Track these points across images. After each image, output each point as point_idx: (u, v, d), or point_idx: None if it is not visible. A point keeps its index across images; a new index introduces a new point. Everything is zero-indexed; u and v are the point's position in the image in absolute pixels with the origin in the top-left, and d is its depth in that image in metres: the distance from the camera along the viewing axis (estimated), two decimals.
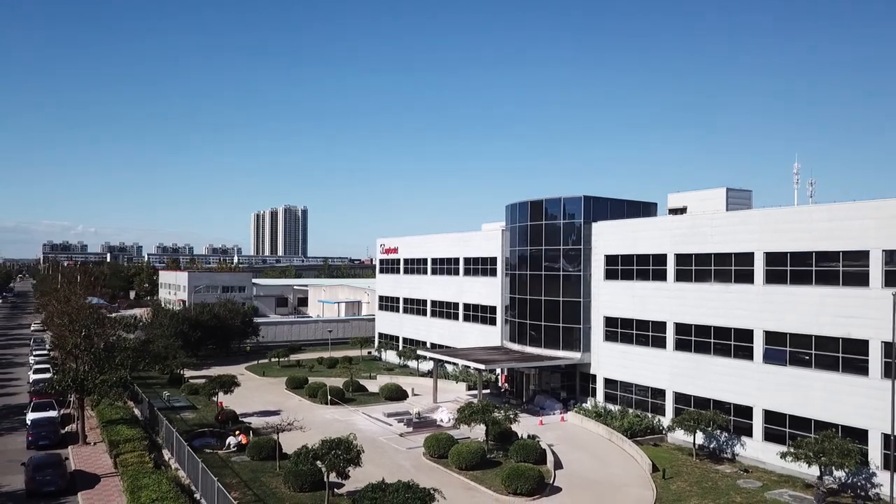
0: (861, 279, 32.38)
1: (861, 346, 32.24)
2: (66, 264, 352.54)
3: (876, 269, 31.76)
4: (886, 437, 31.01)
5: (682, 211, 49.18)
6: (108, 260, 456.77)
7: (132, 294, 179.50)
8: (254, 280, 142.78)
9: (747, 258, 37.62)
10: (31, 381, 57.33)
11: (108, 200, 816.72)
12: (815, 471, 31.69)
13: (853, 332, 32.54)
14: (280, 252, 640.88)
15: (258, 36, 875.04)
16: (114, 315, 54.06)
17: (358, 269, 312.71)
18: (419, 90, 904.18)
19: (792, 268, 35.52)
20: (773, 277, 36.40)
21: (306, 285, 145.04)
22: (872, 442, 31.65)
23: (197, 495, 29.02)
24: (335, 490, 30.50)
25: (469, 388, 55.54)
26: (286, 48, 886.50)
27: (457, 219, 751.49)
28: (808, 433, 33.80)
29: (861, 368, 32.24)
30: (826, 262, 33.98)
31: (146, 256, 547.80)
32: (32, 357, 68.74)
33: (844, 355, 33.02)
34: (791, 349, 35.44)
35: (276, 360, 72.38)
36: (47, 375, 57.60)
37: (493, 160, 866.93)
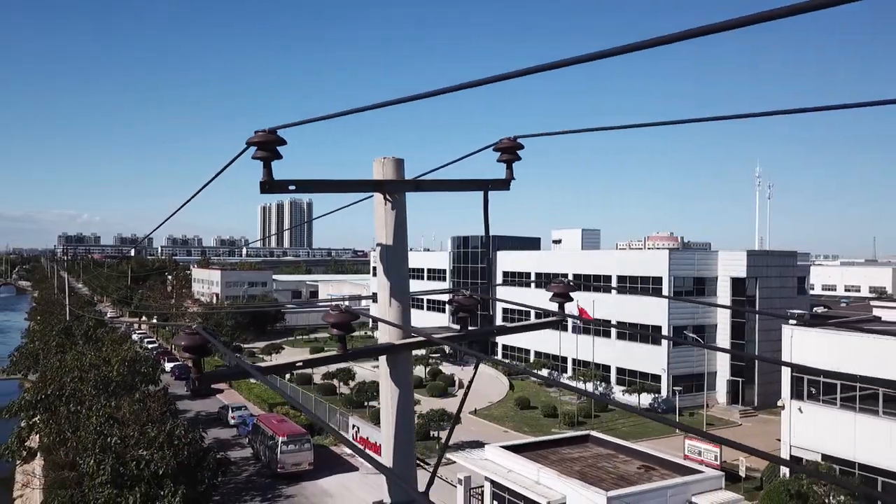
0: (609, 290, 63.72)
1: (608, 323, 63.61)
2: (94, 257, 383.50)
3: (614, 284, 63.13)
4: (619, 369, 62.52)
5: (559, 242, 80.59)
6: (133, 254, 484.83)
7: (168, 287, 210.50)
8: (273, 276, 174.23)
9: (566, 276, 68.84)
10: (148, 348, 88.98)
11: (113, 189, 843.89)
12: (586, 388, 63.15)
13: (612, 316, 63.91)
14: (286, 244, 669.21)
15: (266, 25, 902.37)
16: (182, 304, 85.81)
17: (360, 262, 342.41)
18: (425, 84, 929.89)
19: (584, 283, 66.77)
20: (576, 287, 67.55)
21: (316, 281, 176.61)
22: (613, 372, 63.01)
23: None
24: (342, 393, 61.98)
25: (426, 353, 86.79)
26: (294, 41, 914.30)
27: (456, 213, 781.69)
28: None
29: (608, 334, 63.56)
30: (598, 280, 65.29)
31: (159, 248, 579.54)
32: (136, 335, 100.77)
33: (604, 328, 64.33)
34: (583, 326, 66.76)
35: (301, 336, 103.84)
36: (156, 343, 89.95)
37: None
